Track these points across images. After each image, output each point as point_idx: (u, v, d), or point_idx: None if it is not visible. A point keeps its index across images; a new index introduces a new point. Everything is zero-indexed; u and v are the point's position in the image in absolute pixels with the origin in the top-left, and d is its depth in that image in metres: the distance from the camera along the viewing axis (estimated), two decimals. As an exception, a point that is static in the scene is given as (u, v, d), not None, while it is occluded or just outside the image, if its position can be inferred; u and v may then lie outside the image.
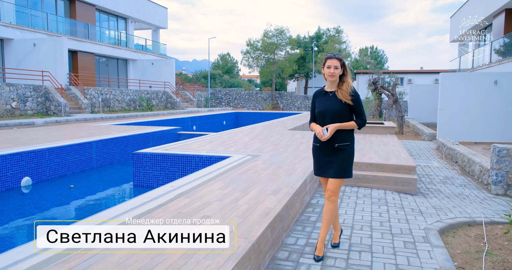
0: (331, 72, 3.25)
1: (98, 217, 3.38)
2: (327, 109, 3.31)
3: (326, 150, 3.37)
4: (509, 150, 6.99)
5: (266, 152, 7.32)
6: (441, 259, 3.41)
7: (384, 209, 5.02)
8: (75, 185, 7.81)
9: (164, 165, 7.23)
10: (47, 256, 2.55)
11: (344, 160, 3.35)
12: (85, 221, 3.28)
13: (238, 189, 4.43)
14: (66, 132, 11.33)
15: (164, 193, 4.18)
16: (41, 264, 2.45)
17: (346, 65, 3.33)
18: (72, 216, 6.18)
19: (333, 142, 3.33)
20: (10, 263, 2.45)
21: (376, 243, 3.79)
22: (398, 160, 6.85)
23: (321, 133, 3.25)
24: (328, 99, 3.35)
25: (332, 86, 3.37)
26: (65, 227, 3.07)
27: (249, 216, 3.44)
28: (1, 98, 15.48)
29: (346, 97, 3.27)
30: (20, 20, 20.56)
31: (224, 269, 2.40)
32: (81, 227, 3.12)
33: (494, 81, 12.61)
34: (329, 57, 3.30)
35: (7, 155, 7.10)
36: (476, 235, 4.24)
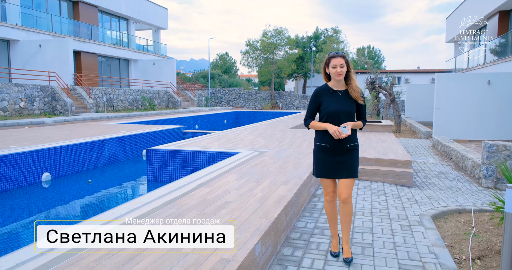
0: (338, 71, 3.16)
1: (132, 205, 3.85)
2: (341, 109, 3.22)
3: (337, 151, 3.27)
4: (498, 146, 7.51)
5: (272, 149, 7.81)
6: (433, 239, 3.91)
7: (383, 198, 5.52)
8: (92, 181, 8.28)
9: (176, 160, 7.70)
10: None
11: (355, 160, 3.33)
12: (125, 206, 3.75)
13: (251, 180, 4.92)
14: (77, 130, 11.79)
15: (186, 184, 4.66)
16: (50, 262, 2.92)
17: (350, 61, 3.25)
18: (95, 207, 6.66)
19: (345, 143, 3.25)
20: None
21: (376, 226, 4.29)
22: (396, 155, 7.36)
23: (339, 131, 3.11)
24: (339, 99, 3.25)
25: (339, 85, 3.28)
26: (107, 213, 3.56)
27: (265, 202, 3.93)
28: (10, 98, 15.90)
29: (359, 98, 3.24)
30: (26, 22, 20.98)
31: (252, 241, 2.89)
32: (121, 210, 3.60)
33: (488, 81, 13.15)
34: (333, 56, 3.20)
35: (29, 152, 7.56)
36: (465, 221, 4.74)
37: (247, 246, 2.79)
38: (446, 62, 28.66)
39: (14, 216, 6.08)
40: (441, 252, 3.57)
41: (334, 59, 3.17)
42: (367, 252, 3.56)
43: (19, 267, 2.42)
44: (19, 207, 6.57)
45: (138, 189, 8.18)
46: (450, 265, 3.31)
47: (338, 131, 3.11)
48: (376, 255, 3.48)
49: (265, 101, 38.02)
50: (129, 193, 8.00)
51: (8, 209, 6.39)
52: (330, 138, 3.24)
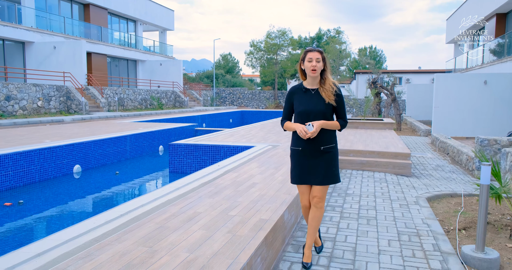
0: (313, 65, 2.98)
1: (176, 185, 4.62)
2: (310, 108, 3.03)
3: (310, 154, 3.07)
4: (490, 141, 8.27)
5: (283, 143, 8.58)
6: (427, 214, 4.67)
7: (385, 185, 6.28)
8: (119, 172, 9.06)
9: (196, 154, 8.47)
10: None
11: (330, 164, 3.08)
12: (171, 186, 4.52)
13: (271, 167, 5.69)
14: (97, 127, 12.57)
15: (215, 170, 5.43)
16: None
17: (327, 59, 3.08)
18: (131, 193, 7.46)
19: (318, 145, 3.04)
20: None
21: (379, 205, 5.05)
22: (396, 148, 8.11)
23: (305, 130, 2.92)
24: (311, 98, 3.06)
25: (314, 83, 3.09)
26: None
27: (286, 183, 4.70)
28: (29, 98, 16.70)
29: (329, 97, 3.03)
30: (40, 24, 21.80)
31: (281, 208, 3.65)
32: (170, 187, 4.36)
33: (484, 81, 13.90)
34: (309, 50, 3.04)
35: (63, 146, 8.33)
36: (456, 202, 5.49)
37: (278, 212, 3.55)
38: (446, 63, 29.39)
39: (65, 199, 6.85)
40: (433, 223, 4.33)
41: (311, 52, 3.01)
42: (371, 223, 4.32)
43: (102, 226, 3.17)
44: (70, 192, 7.35)
45: (163, 179, 8.95)
46: (440, 232, 4.06)
47: (304, 129, 2.92)
48: (379, 225, 4.25)
49: (269, 100, 38.81)
50: (157, 182, 8.80)
51: (57, 194, 7.16)
52: (302, 141, 3.06)
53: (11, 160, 7.12)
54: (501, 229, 4.30)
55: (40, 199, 6.88)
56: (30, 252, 2.55)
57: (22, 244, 4.86)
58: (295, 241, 3.75)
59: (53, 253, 2.55)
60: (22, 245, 4.65)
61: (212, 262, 2.44)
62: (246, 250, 2.64)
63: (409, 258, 3.41)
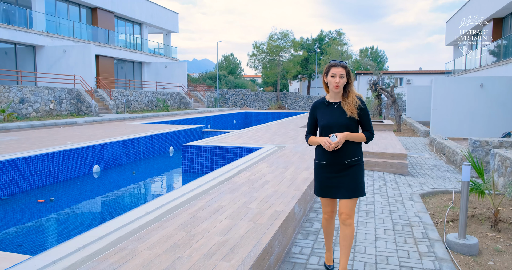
0: (337, 82, 2.94)
1: (197, 183, 5.23)
2: (333, 122, 2.99)
3: (335, 167, 3.02)
4: (482, 142, 8.87)
5: (289, 144, 9.19)
6: (419, 208, 5.28)
7: (383, 183, 6.89)
8: (136, 172, 9.69)
9: (208, 155, 9.09)
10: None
11: (356, 177, 3.03)
12: (193, 183, 5.13)
13: (280, 167, 6.30)
14: (109, 129, 13.20)
15: (230, 169, 6.05)
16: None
17: (351, 73, 3.01)
18: (154, 190, 8.10)
19: (343, 158, 2.99)
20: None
21: (377, 200, 5.66)
22: (394, 149, 8.72)
23: (329, 141, 2.91)
24: (334, 111, 3.03)
25: (336, 97, 3.06)
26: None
27: (294, 181, 5.31)
28: (42, 100, 17.36)
29: (352, 110, 2.98)
30: (50, 28, 22.47)
31: (292, 202, 4.26)
32: (193, 185, 4.98)
33: (480, 84, 14.49)
34: (333, 64, 2.97)
35: (84, 148, 8.96)
36: (447, 198, 6.09)
37: (290, 205, 4.16)
38: (446, 64, 29.97)
39: (95, 195, 7.48)
40: (424, 216, 4.93)
41: (335, 68, 2.96)
42: (370, 215, 4.94)
43: (141, 218, 3.79)
44: (99, 189, 7.98)
45: (177, 178, 9.58)
46: (429, 223, 4.67)
47: (328, 141, 2.91)
48: (377, 217, 4.86)
49: (271, 101, 39.43)
50: (174, 180, 9.45)
51: (88, 190, 7.79)
52: (327, 155, 3.03)
53: (39, 161, 7.75)
54: (484, 221, 4.90)
55: (68, 196, 7.52)
56: (93, 236, 3.17)
57: (65, 233, 5.51)
58: (303, 230, 4.37)
59: (111, 236, 3.17)
60: (65, 235, 5.29)
61: (241, 243, 3.05)
62: (267, 234, 3.26)
63: (401, 244, 4.01)
